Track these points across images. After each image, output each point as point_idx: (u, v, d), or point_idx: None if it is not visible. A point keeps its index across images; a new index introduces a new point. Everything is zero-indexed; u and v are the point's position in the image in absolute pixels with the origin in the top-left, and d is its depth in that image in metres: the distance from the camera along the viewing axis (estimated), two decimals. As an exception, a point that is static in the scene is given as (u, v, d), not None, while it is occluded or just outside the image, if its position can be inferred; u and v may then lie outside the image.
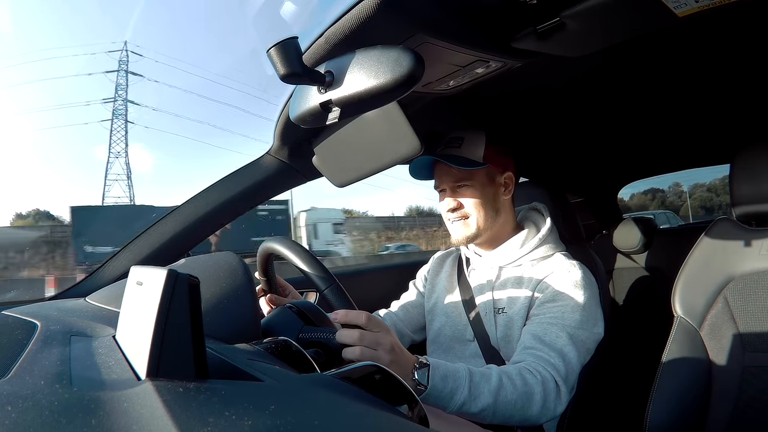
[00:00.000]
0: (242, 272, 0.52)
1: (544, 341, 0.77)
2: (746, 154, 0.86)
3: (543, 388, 0.71)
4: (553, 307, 0.82)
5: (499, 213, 0.94)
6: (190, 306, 0.29)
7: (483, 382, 0.68)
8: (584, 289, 0.83)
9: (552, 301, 0.83)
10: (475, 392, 0.66)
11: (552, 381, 0.73)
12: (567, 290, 0.83)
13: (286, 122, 0.82)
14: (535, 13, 0.55)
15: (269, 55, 0.47)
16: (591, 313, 0.83)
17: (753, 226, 0.88)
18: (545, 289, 0.85)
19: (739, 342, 0.82)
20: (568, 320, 0.80)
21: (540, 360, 0.75)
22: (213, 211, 0.97)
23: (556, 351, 0.76)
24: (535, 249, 0.92)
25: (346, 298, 0.62)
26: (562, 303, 0.82)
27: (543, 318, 0.81)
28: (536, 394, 0.70)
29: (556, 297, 0.83)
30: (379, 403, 0.39)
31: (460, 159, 0.90)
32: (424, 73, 0.48)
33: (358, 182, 0.81)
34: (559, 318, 0.80)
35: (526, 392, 0.70)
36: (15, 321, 0.50)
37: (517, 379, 0.70)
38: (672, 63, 0.86)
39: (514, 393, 0.69)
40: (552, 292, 0.84)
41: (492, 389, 0.67)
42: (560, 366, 0.75)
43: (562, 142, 1.33)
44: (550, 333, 0.78)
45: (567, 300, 0.82)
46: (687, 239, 1.37)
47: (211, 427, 0.21)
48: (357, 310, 0.61)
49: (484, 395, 0.67)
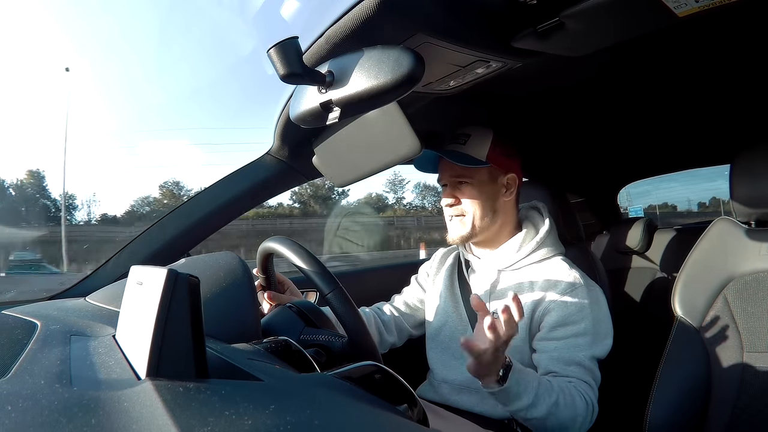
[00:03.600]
0: (242, 272, 0.52)
1: (580, 365, 0.80)
2: (746, 155, 0.85)
3: (585, 412, 0.76)
4: (569, 330, 0.82)
5: (497, 214, 0.93)
6: (190, 306, 0.29)
7: (545, 395, 0.73)
8: (591, 305, 0.84)
9: (565, 325, 0.83)
10: (537, 401, 0.72)
11: (591, 405, 0.78)
12: (576, 311, 0.83)
13: (286, 122, 0.82)
14: (535, 13, 0.55)
15: (269, 55, 0.47)
16: (603, 327, 0.85)
17: (753, 227, 0.88)
18: (552, 310, 0.84)
19: (739, 342, 0.82)
20: (583, 345, 0.82)
21: (581, 384, 0.79)
22: (213, 211, 0.97)
23: (587, 373, 0.80)
24: (533, 252, 0.91)
25: (348, 300, 0.62)
26: (576, 326, 0.82)
27: (563, 343, 0.82)
28: (579, 416, 0.75)
29: (567, 320, 0.83)
30: (379, 403, 0.39)
31: (462, 156, 0.90)
32: (424, 73, 0.48)
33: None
34: (577, 342, 0.82)
35: (572, 414, 0.75)
36: (15, 321, 0.50)
37: (569, 399, 0.75)
38: (672, 63, 0.86)
39: (564, 412, 0.74)
40: (562, 316, 0.83)
41: (550, 403, 0.72)
42: (594, 387, 0.80)
43: (563, 141, 1.33)
44: (577, 356, 0.81)
45: (579, 321, 0.83)
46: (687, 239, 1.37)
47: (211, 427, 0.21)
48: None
49: (542, 406, 0.72)
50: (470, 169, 0.90)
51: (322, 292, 0.62)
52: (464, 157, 0.89)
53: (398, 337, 1.03)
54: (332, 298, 0.61)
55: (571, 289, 0.85)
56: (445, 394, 0.93)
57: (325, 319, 0.69)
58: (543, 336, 0.84)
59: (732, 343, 0.82)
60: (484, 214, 0.91)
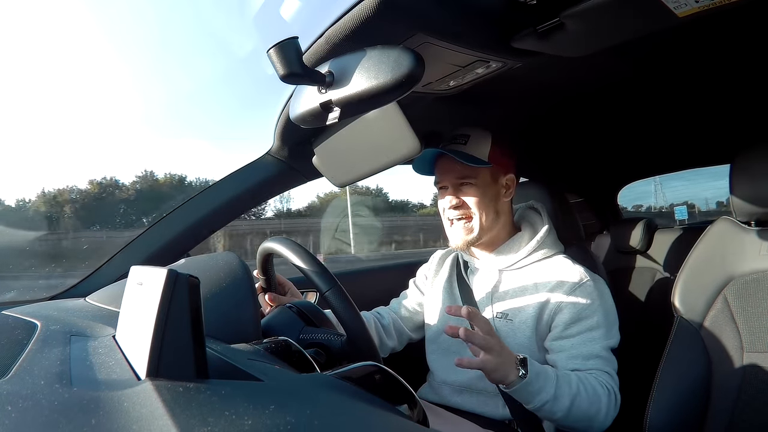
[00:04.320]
0: (242, 272, 0.52)
1: (598, 357, 0.81)
2: (746, 155, 0.85)
3: (608, 402, 0.77)
4: (583, 326, 0.83)
5: (499, 215, 0.92)
6: (190, 306, 0.29)
7: (565, 386, 0.74)
8: (600, 297, 0.85)
9: (578, 321, 0.83)
10: (559, 393, 0.73)
11: (614, 394, 0.79)
12: (586, 305, 0.84)
13: (286, 122, 0.82)
14: (535, 13, 0.55)
15: (269, 55, 0.47)
16: (612, 317, 0.87)
17: (753, 226, 0.88)
18: (563, 309, 0.84)
19: (739, 342, 0.82)
20: (598, 337, 0.82)
21: (602, 374, 0.80)
22: (213, 211, 0.97)
23: (607, 363, 0.81)
24: (533, 252, 0.91)
25: (347, 299, 0.62)
26: (588, 320, 0.83)
27: (578, 339, 0.82)
28: (603, 407, 0.76)
29: (579, 316, 0.83)
30: (379, 403, 0.39)
31: (465, 156, 0.89)
32: (424, 73, 0.48)
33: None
34: (591, 336, 0.82)
35: (597, 404, 0.76)
36: (15, 321, 0.50)
37: (590, 390, 0.76)
38: (672, 63, 0.86)
39: (587, 403, 0.75)
40: (573, 312, 0.84)
41: (572, 394, 0.74)
42: (614, 376, 0.81)
43: (562, 141, 1.33)
44: (594, 349, 0.81)
45: (590, 315, 0.83)
46: (687, 239, 1.37)
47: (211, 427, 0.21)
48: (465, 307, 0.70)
49: (565, 398, 0.73)
50: (474, 170, 0.89)
51: (320, 290, 0.62)
52: (468, 157, 0.89)
53: (398, 341, 1.03)
54: (330, 295, 0.61)
55: (578, 286, 0.85)
56: (445, 396, 0.93)
57: (324, 319, 0.69)
58: (557, 335, 0.84)
59: (732, 343, 0.82)
60: (489, 215, 0.91)
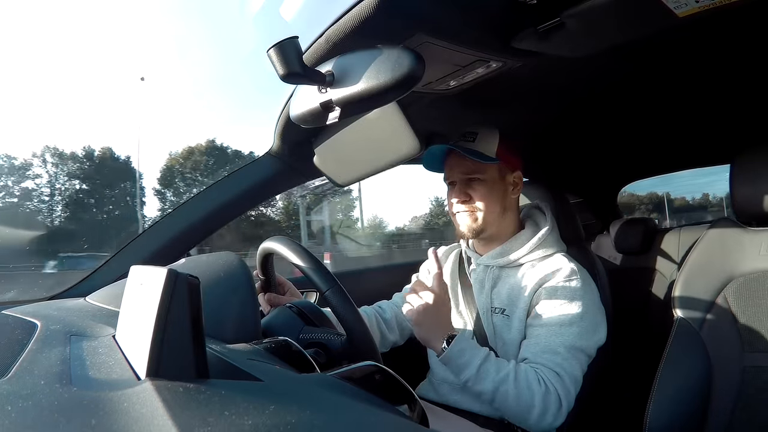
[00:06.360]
0: (242, 272, 0.52)
1: (555, 353, 0.80)
2: (746, 155, 0.85)
3: (544, 399, 0.76)
4: (554, 318, 0.82)
5: (505, 211, 0.94)
6: (190, 306, 0.29)
7: (492, 370, 0.77)
8: (583, 297, 0.84)
9: (552, 313, 0.83)
10: (482, 375, 0.76)
11: (555, 394, 0.77)
12: (567, 300, 0.83)
13: (287, 122, 0.82)
14: (535, 13, 0.55)
15: (269, 55, 0.47)
16: (591, 320, 0.84)
17: (753, 226, 0.88)
18: (544, 298, 0.85)
19: (739, 342, 0.82)
20: (566, 334, 0.81)
21: (547, 371, 0.78)
22: (213, 211, 0.97)
23: (562, 362, 0.79)
24: (534, 250, 0.92)
25: (347, 298, 0.62)
26: (562, 314, 0.82)
27: (545, 330, 0.82)
28: (537, 402, 0.75)
29: (555, 308, 0.83)
30: (379, 403, 0.39)
31: (474, 152, 0.90)
32: (424, 73, 0.48)
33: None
34: (560, 331, 0.81)
35: (527, 396, 0.76)
36: (15, 321, 0.50)
37: (522, 380, 0.76)
38: (672, 63, 0.86)
39: (515, 391, 0.76)
40: (552, 303, 0.83)
41: (497, 379, 0.76)
42: (564, 379, 0.78)
43: (563, 141, 1.33)
44: (553, 344, 0.80)
45: (567, 311, 0.82)
46: (687, 239, 1.37)
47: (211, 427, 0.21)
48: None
49: (488, 381, 0.76)
50: (482, 166, 0.91)
51: (320, 289, 0.62)
52: (477, 154, 0.90)
53: (400, 335, 1.04)
54: (330, 295, 0.61)
55: (565, 282, 0.85)
56: (445, 394, 0.93)
57: (324, 318, 0.69)
58: (529, 323, 0.85)
59: (732, 343, 0.82)
60: (495, 211, 0.92)
